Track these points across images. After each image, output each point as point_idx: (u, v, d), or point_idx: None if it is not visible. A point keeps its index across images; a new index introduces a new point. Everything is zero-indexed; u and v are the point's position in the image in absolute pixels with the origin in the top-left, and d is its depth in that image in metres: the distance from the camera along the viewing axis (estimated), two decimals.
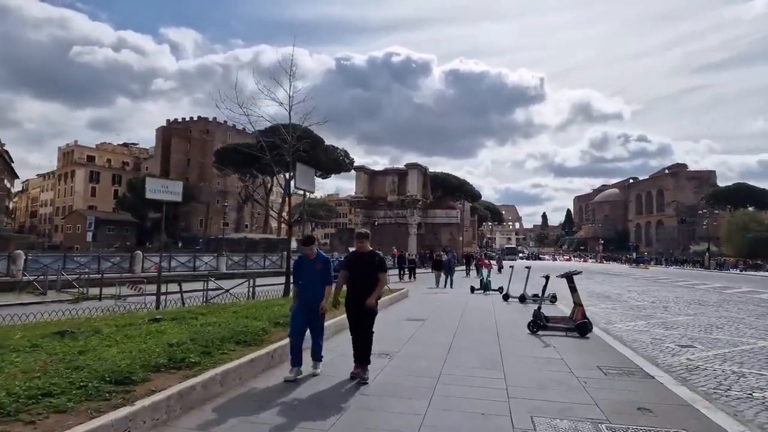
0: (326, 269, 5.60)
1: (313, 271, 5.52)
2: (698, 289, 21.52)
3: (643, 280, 28.35)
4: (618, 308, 13.98)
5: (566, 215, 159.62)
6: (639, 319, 11.61)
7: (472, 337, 8.43)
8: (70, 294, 17.50)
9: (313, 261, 5.59)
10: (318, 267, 5.55)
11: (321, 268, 5.56)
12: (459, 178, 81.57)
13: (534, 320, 9.07)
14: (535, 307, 13.13)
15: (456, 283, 19.75)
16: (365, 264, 5.47)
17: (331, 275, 5.69)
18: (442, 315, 11.38)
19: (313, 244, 5.67)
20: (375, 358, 6.44)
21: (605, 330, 9.86)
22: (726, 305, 14.86)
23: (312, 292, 5.48)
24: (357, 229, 5.74)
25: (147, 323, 6.93)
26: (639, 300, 16.29)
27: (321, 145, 68.51)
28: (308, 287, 5.51)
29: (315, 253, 5.63)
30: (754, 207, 77.10)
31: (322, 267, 5.58)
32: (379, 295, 5.55)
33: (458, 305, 13.46)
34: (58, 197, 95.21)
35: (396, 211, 53.64)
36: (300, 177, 8.69)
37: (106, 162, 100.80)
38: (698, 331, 9.88)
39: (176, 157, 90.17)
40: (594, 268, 50.30)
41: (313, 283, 5.50)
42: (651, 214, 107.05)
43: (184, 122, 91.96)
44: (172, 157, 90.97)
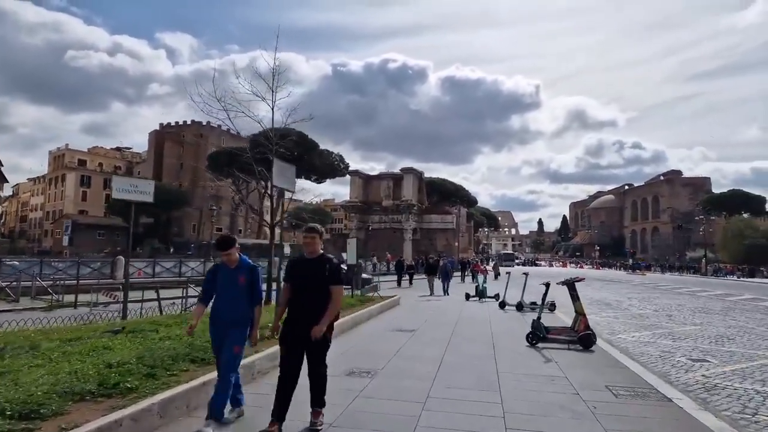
0: (252, 282, 4.05)
1: (232, 284, 3.98)
2: (700, 296, 20.86)
3: (642, 286, 27.69)
4: (620, 317, 13.27)
5: (562, 221, 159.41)
6: (644, 329, 10.90)
7: (466, 350, 7.67)
8: (44, 301, 16.64)
9: (234, 271, 4.02)
10: (240, 280, 3.99)
11: (244, 282, 4.00)
12: (455, 183, 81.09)
13: (533, 331, 8.34)
14: (533, 315, 12.45)
15: (451, 290, 18.92)
16: (312, 273, 3.84)
17: (260, 290, 4.19)
18: (434, 325, 10.63)
19: (231, 247, 4.01)
20: (354, 378, 5.70)
21: (609, 341, 9.13)
22: (732, 314, 14.18)
23: (231, 314, 3.96)
24: (308, 225, 4.08)
25: (98, 337, 6.14)
26: (641, 308, 15.59)
27: (316, 149, 67.86)
28: (226, 307, 3.99)
29: (236, 260, 4.04)
30: (749, 213, 76.86)
31: (247, 280, 4.01)
32: (332, 319, 3.86)
33: (452, 314, 12.71)
34: (48, 202, 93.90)
35: (391, 216, 52.95)
36: (278, 175, 7.96)
37: (98, 166, 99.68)
38: (709, 343, 9.17)
39: (169, 161, 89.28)
40: (591, 274, 49.65)
41: (233, 301, 3.97)
42: (646, 221, 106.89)
43: (178, 126, 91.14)
44: (164, 161, 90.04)
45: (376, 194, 54.62)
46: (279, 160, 8.50)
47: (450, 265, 38.70)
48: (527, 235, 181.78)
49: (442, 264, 20.20)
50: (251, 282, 4.03)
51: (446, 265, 19.84)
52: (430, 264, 20.46)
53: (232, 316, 3.95)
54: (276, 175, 7.92)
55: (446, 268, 19.36)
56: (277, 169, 8.02)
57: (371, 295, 14.67)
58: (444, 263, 20.62)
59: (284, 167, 8.38)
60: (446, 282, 18.76)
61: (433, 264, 20.24)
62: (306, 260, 3.94)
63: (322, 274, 3.81)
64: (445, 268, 19.35)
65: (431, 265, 20.19)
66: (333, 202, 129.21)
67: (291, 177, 8.43)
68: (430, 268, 19.86)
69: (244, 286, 3.99)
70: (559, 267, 79.95)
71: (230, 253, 4.01)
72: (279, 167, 8.11)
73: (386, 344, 8.09)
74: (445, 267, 19.48)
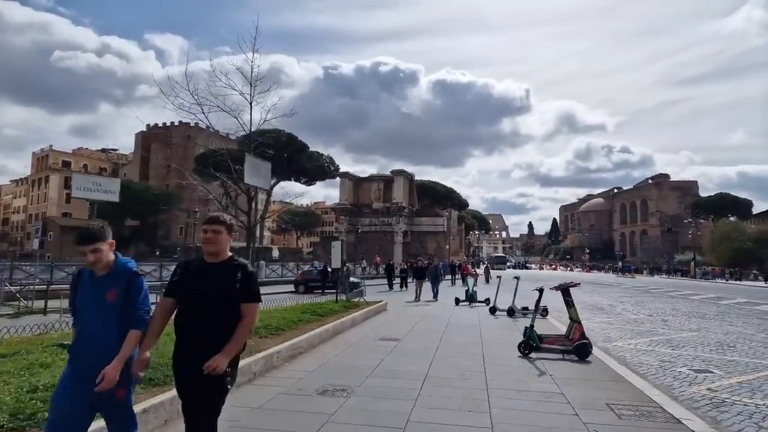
0: (129, 297, 2.66)
1: (98, 301, 2.64)
2: (693, 300, 20.53)
3: (633, 290, 27.38)
4: (614, 322, 12.79)
5: (552, 224, 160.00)
6: (640, 336, 10.41)
7: (453, 363, 7.09)
8: (12, 307, 15.75)
9: (102, 281, 2.69)
10: (109, 297, 2.63)
11: (116, 297, 2.63)
12: (446, 186, 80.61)
13: (526, 341, 7.78)
14: (525, 321, 11.91)
15: (441, 294, 18.26)
16: (214, 285, 2.65)
17: (142, 309, 2.68)
18: (420, 333, 10.04)
19: (94, 242, 2.67)
20: (327, 398, 5.09)
21: (606, 350, 8.62)
22: (728, 318, 13.79)
23: (96, 343, 2.60)
24: (210, 214, 2.89)
25: (42, 351, 5.46)
26: (635, 312, 15.15)
27: (305, 151, 67.10)
28: (89, 332, 2.65)
29: (107, 263, 2.72)
30: (736, 217, 77.50)
31: (119, 296, 2.64)
32: (239, 348, 2.68)
33: (440, 320, 12.13)
34: (31, 204, 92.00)
35: (381, 219, 52.34)
36: (250, 172, 7.32)
37: (83, 168, 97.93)
38: (709, 351, 8.69)
39: (156, 162, 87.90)
40: (581, 277, 49.46)
41: (101, 326, 2.61)
42: (635, 224, 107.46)
43: (165, 127, 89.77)
44: (151, 162, 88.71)
45: (367, 196, 54.01)
46: (252, 157, 7.87)
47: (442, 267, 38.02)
48: (518, 238, 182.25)
49: (431, 267, 19.37)
50: (129, 296, 2.64)
51: (436, 268, 19.08)
52: (419, 267, 19.38)
53: (99, 350, 2.56)
54: (248, 172, 7.28)
55: (436, 272, 18.60)
56: (250, 166, 7.38)
57: (357, 301, 14.05)
58: (433, 266, 19.80)
59: (257, 164, 7.74)
60: (436, 286, 18.03)
61: (421, 267, 19.21)
62: (205, 265, 2.73)
63: (229, 286, 2.63)
64: (435, 271, 18.58)
65: (419, 268, 19.17)
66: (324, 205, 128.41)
67: (265, 174, 7.81)
68: (418, 271, 18.92)
69: (116, 304, 2.61)
70: (549, 270, 79.92)
71: (96, 251, 2.64)
72: (251, 164, 7.48)
73: (367, 356, 7.48)
74: (434, 270, 18.70)
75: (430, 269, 18.89)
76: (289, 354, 7.10)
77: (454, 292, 19.38)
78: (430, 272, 18.61)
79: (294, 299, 14.59)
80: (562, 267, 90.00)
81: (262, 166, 7.88)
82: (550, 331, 9.85)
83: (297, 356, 7.30)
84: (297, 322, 9.27)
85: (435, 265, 19.92)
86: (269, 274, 30.31)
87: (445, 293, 19.61)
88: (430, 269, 18.89)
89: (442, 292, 18.68)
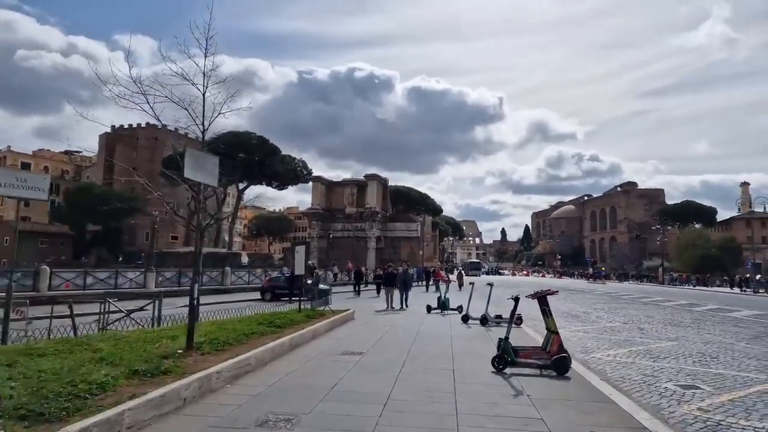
0: None
1: None
2: (665, 306, 20.39)
3: (605, 296, 27.30)
4: (590, 331, 12.29)
5: (525, 231, 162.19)
6: (618, 346, 9.88)
7: (421, 381, 6.32)
8: None
9: None
10: None
11: None
12: (421, 192, 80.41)
13: (500, 355, 7.07)
14: (498, 330, 11.27)
15: (414, 300, 17.43)
16: None
17: None
18: (387, 345, 9.24)
19: None
20: (265, 431, 4.22)
21: (584, 363, 8.01)
22: (704, 326, 13.48)
23: None
24: None
25: None
26: (610, 320, 14.74)
27: (277, 154, 65.77)
28: None
29: None
30: (701, 224, 79.84)
31: None
32: None
33: (409, 330, 11.36)
34: None
35: (354, 224, 51.40)
36: (191, 166, 6.38)
37: (43, 169, 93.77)
38: (692, 363, 8.19)
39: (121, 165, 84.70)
40: (553, 283, 49.69)
41: None
42: (605, 231, 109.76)
43: (131, 129, 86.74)
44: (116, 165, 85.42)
45: (339, 201, 53.03)
46: (195, 150, 6.95)
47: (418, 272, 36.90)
48: (491, 245, 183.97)
49: (401, 272, 18.12)
50: None
51: (406, 274, 17.94)
52: (389, 273, 18.07)
53: None
54: (189, 166, 6.35)
55: (405, 277, 17.50)
56: (192, 160, 6.45)
57: (322, 310, 13.16)
58: (402, 271, 18.49)
59: (201, 157, 6.80)
60: (405, 293, 17.00)
61: (391, 274, 17.88)
62: None
63: None
64: (405, 276, 17.52)
65: (389, 274, 17.92)
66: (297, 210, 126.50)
67: (212, 170, 6.88)
68: (388, 278, 17.74)
69: None
70: (522, 276, 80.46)
71: None
72: (194, 157, 6.54)
73: (324, 374, 6.63)
74: (404, 275, 17.62)
75: (399, 275, 17.68)
76: (232, 374, 6.19)
77: (427, 299, 18.69)
78: (400, 278, 17.46)
79: (258, 308, 13.60)
80: (535, 273, 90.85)
81: (208, 161, 6.94)
82: (526, 342, 9.22)
83: (243, 376, 6.40)
84: (249, 335, 8.36)
85: (405, 269, 18.71)
86: (235, 281, 28.99)
87: (418, 300, 18.90)
88: (399, 275, 17.68)
89: (414, 298, 17.92)
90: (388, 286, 17.00)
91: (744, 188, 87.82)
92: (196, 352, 6.94)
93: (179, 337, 7.57)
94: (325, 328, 10.66)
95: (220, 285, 27.97)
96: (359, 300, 21.89)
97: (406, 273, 17.83)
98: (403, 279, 17.28)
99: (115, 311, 12.63)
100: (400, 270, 18.38)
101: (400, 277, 17.39)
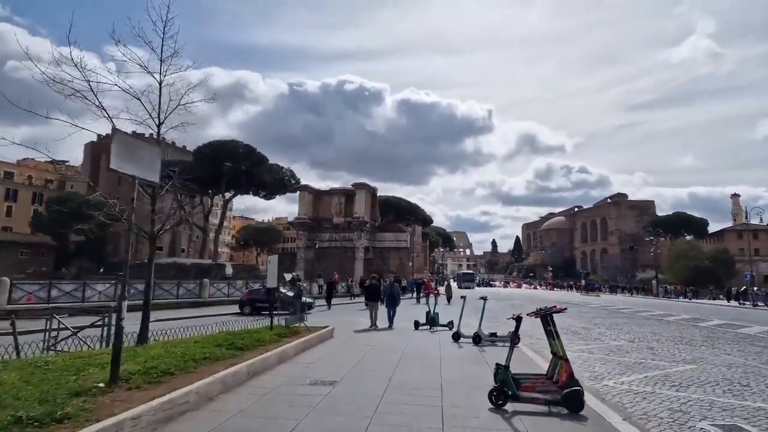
0: None
1: None
2: (669, 322, 19.20)
3: (602, 309, 26.12)
4: (595, 350, 11.04)
5: (515, 242, 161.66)
6: (631, 371, 8.64)
7: (401, 423, 5.01)
8: None
9: None
10: None
11: None
12: (410, 202, 79.14)
13: (500, 387, 5.80)
14: (493, 351, 9.99)
15: (401, 313, 15.71)
16: None
17: None
18: (365, 371, 7.91)
19: None
20: None
21: (596, 394, 6.77)
22: (719, 345, 12.28)
23: None
24: None
25: None
26: (614, 338, 13.51)
27: (264, 163, 64.30)
28: None
29: None
30: (692, 236, 79.50)
31: None
32: None
33: (394, 351, 10.04)
34: None
35: (342, 234, 50.01)
36: (119, 153, 5.06)
37: (27, 179, 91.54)
38: (723, 393, 6.97)
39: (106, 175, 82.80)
40: (546, 296, 48.53)
41: None
42: (596, 242, 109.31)
43: None
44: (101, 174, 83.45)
45: (327, 210, 51.68)
46: (125, 135, 5.63)
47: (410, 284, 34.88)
48: (482, 256, 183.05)
49: (386, 285, 15.57)
50: None
51: (392, 287, 15.27)
52: (372, 287, 15.21)
53: None
54: (116, 154, 5.04)
55: (392, 291, 14.97)
56: (120, 147, 5.12)
57: (297, 326, 11.79)
58: (388, 284, 15.78)
59: (135, 145, 5.44)
60: (392, 309, 14.78)
61: (374, 286, 15.17)
62: None
63: None
64: (391, 290, 14.99)
65: (372, 288, 15.15)
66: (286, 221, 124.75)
67: (150, 162, 5.53)
68: (370, 291, 15.09)
69: None
70: (513, 288, 79.31)
71: None
72: (123, 144, 5.21)
73: (281, 413, 5.30)
74: (390, 289, 15.08)
75: (385, 288, 15.26)
76: (160, 417, 4.84)
77: (417, 312, 17.34)
78: (386, 292, 15.15)
79: (233, 323, 12.19)
80: (526, 285, 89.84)
81: (145, 151, 5.61)
82: (525, 366, 7.96)
83: (176, 418, 5.05)
84: (199, 360, 7.00)
85: (391, 281, 16.05)
86: (214, 294, 27.41)
87: (407, 313, 17.52)
88: (385, 288, 15.26)
89: (402, 311, 16.16)
90: (371, 301, 14.88)
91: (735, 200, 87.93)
92: (123, 385, 5.58)
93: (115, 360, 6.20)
94: (294, 351, 9.29)
95: (197, 298, 26.39)
96: (344, 314, 20.51)
97: (392, 286, 15.36)
98: (390, 292, 15.01)
99: (64, 328, 11.19)
100: (387, 282, 16.30)
101: (386, 291, 15.22)
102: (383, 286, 15.43)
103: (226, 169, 59.33)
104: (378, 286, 15.16)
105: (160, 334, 10.14)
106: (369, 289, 14.68)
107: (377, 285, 15.11)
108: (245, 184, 65.14)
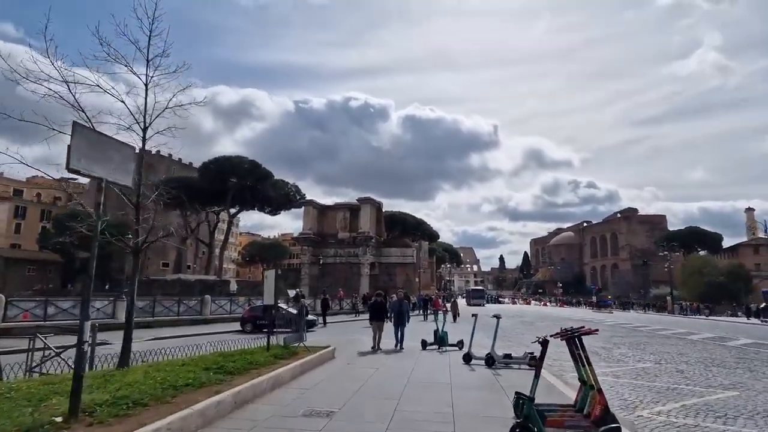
0: None
1: None
2: (693, 341, 18.09)
3: (619, 328, 24.97)
4: (620, 374, 10.10)
5: (523, 258, 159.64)
6: (666, 398, 7.71)
7: None
8: None
9: None
10: None
11: None
12: (416, 217, 78.39)
13: (523, 424, 4.96)
14: (509, 375, 9.10)
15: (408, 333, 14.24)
16: None
17: None
18: (367, 400, 7.07)
19: None
20: None
21: (632, 428, 5.88)
22: (756, 367, 11.25)
23: None
24: None
25: None
26: (638, 359, 12.53)
27: (269, 179, 64.07)
28: None
29: None
30: (706, 251, 77.79)
31: None
32: None
33: (399, 375, 9.18)
34: None
35: (347, 250, 49.22)
36: (79, 148, 4.38)
37: (35, 197, 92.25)
38: None
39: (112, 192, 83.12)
40: (558, 313, 47.16)
41: None
42: (606, 258, 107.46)
43: None
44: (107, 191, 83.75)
45: (332, 226, 50.99)
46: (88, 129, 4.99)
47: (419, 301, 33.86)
48: (489, 272, 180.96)
49: (394, 302, 14.66)
50: None
51: (401, 303, 14.22)
52: (376, 304, 13.79)
53: None
54: (76, 150, 4.36)
55: (400, 308, 13.94)
56: (80, 141, 4.44)
57: (296, 347, 10.98)
58: (396, 300, 14.85)
59: (101, 142, 4.78)
60: (400, 329, 13.59)
61: (380, 304, 13.83)
62: None
63: None
64: (399, 307, 13.98)
65: (377, 306, 13.75)
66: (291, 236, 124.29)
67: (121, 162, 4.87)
68: (376, 309, 13.62)
69: None
70: (522, 304, 77.72)
71: None
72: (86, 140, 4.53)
73: None
74: (398, 306, 14.09)
75: (392, 304, 14.36)
76: None
77: (424, 330, 16.39)
78: (393, 308, 14.23)
79: (232, 342, 11.45)
80: (536, 301, 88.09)
81: (115, 150, 4.94)
82: (548, 395, 7.09)
83: None
84: (180, 387, 6.21)
85: (400, 298, 14.90)
86: (215, 311, 26.64)
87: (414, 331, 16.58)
88: (392, 304, 14.36)
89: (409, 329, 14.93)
90: (376, 320, 13.47)
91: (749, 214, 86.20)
92: (84, 419, 4.82)
93: (86, 389, 5.45)
94: (292, 374, 8.48)
95: (198, 315, 25.65)
96: (348, 332, 19.63)
97: (401, 303, 14.29)
98: (398, 310, 14.00)
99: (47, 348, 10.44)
100: (394, 298, 15.35)
101: (394, 308, 14.34)
102: (390, 302, 14.56)
103: (231, 185, 59.12)
104: (383, 304, 14.25)
105: (148, 354, 9.40)
106: (374, 307, 13.64)
107: (382, 302, 14.16)
108: (250, 200, 64.90)
